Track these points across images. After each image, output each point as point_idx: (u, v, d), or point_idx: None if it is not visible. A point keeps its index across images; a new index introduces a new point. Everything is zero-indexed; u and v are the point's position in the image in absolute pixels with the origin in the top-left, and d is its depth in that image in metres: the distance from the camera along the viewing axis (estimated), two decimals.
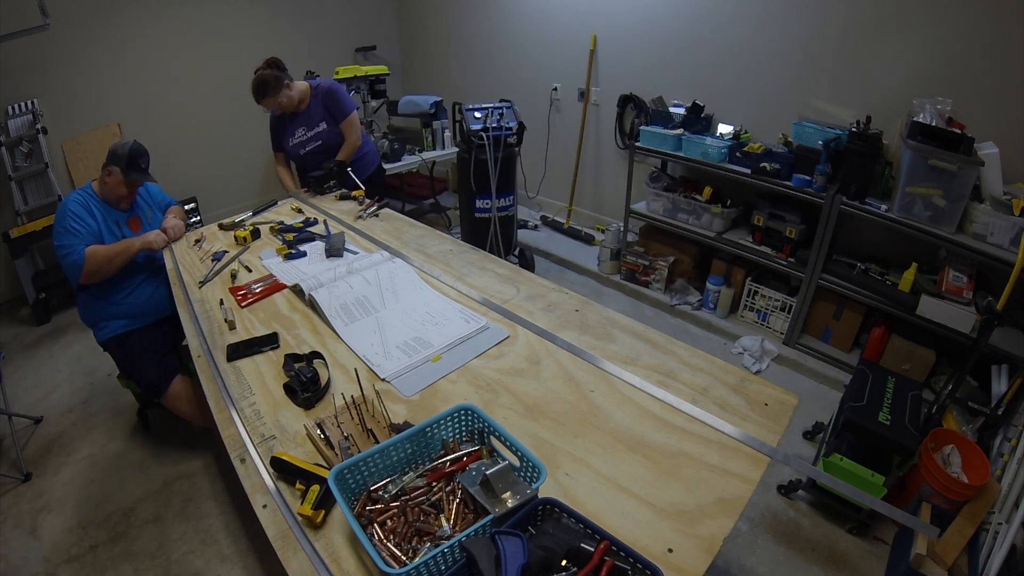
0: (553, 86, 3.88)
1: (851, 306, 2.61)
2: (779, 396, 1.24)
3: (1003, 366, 2.10)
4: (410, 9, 4.82)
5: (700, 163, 2.83)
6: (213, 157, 4.17)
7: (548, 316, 1.57)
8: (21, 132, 3.21)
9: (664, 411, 1.20)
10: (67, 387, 2.73)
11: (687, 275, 3.27)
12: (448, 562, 0.84)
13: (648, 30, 3.23)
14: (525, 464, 0.96)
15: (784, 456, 1.09)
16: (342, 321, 1.55)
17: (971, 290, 2.16)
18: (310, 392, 1.25)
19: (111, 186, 2.01)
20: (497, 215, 3.21)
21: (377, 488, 0.96)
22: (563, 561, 0.82)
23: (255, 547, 1.87)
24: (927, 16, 2.26)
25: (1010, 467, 1.71)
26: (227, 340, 1.50)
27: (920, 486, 1.82)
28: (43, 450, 2.33)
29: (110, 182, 2.00)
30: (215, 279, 1.86)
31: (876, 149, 2.31)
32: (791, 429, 1.19)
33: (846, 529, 1.89)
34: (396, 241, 2.08)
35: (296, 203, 2.51)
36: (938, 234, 2.14)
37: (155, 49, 3.67)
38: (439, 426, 1.04)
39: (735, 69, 2.93)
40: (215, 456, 2.26)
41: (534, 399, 1.25)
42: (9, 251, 3.17)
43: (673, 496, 0.99)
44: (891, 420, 1.79)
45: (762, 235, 2.79)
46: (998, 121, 2.16)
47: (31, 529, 1.97)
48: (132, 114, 3.68)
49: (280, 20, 4.21)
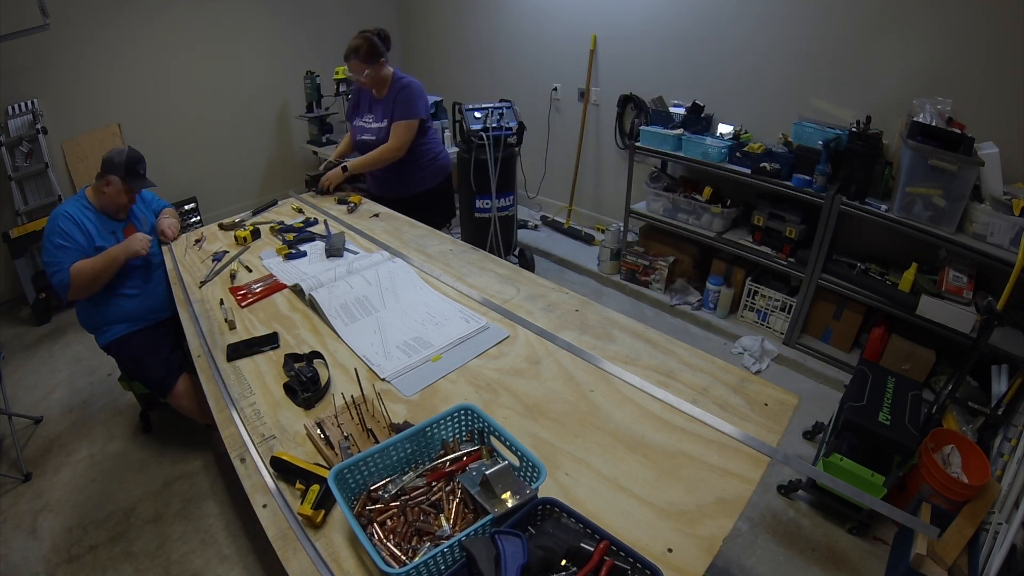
0: (553, 86, 3.88)
1: (851, 306, 2.61)
2: (779, 396, 1.24)
3: (1003, 366, 2.10)
4: (410, 9, 4.82)
5: (700, 163, 2.83)
6: (213, 157, 4.17)
7: (548, 316, 1.57)
8: (21, 132, 3.21)
9: (664, 411, 1.20)
10: (67, 387, 2.73)
11: (687, 275, 3.27)
12: (448, 562, 0.84)
13: (648, 30, 3.23)
14: (525, 464, 0.96)
15: (784, 456, 1.09)
16: (342, 321, 1.55)
17: (971, 290, 2.16)
18: (310, 392, 1.25)
19: (111, 196, 1.96)
20: (497, 215, 3.21)
21: (377, 488, 0.96)
22: (563, 561, 0.82)
23: (255, 547, 1.88)
24: (927, 16, 2.26)
25: (1010, 467, 1.71)
26: (227, 340, 1.50)
27: (920, 486, 1.82)
28: (43, 450, 2.33)
29: (109, 192, 1.95)
30: (215, 279, 1.86)
31: (876, 149, 2.31)
32: (791, 429, 1.19)
33: (846, 529, 1.89)
34: (396, 241, 2.08)
35: (296, 203, 2.51)
36: (938, 234, 2.14)
37: (155, 49, 3.67)
38: (439, 426, 1.04)
39: (735, 69, 2.93)
40: (215, 456, 2.26)
41: (534, 399, 1.25)
42: (9, 251, 3.17)
43: (673, 496, 0.99)
44: (891, 420, 1.79)
45: (762, 235, 2.79)
46: (998, 121, 2.16)
47: (31, 529, 1.97)
48: (132, 114, 3.67)
49: (280, 20, 4.21)
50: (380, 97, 2.50)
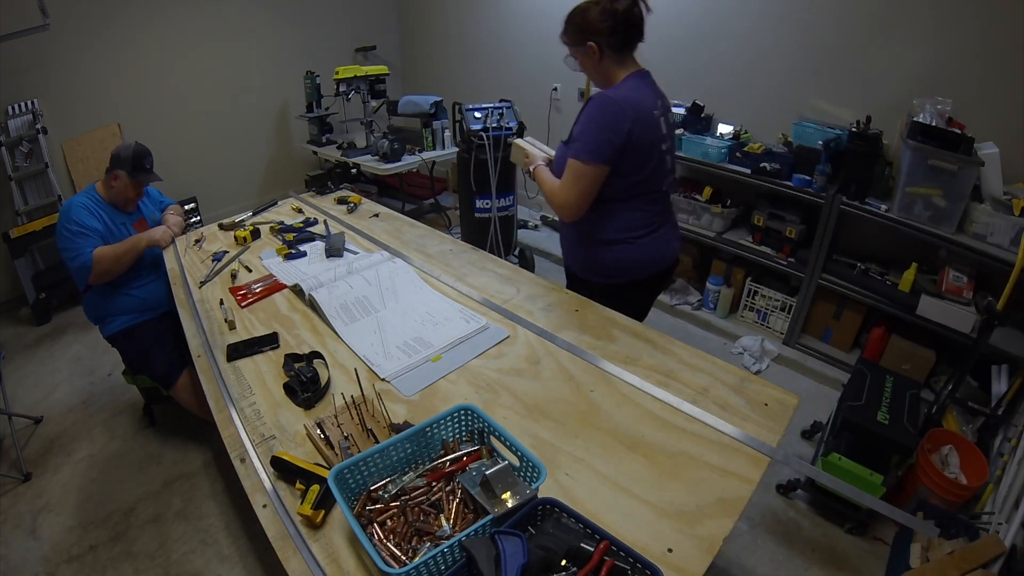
0: (553, 86, 3.88)
1: (851, 306, 2.61)
2: (779, 396, 1.24)
3: (1003, 366, 2.10)
4: (410, 9, 4.82)
5: (700, 163, 2.83)
6: (213, 157, 4.17)
7: (548, 316, 1.57)
8: (21, 132, 3.21)
9: (664, 411, 1.20)
10: (67, 387, 2.73)
11: (687, 275, 3.27)
12: (448, 562, 0.84)
13: (648, 30, 3.22)
14: (525, 464, 0.96)
15: (784, 456, 1.09)
16: (342, 321, 1.55)
17: (971, 290, 2.16)
18: (310, 392, 1.25)
19: (119, 190, 2.03)
20: (497, 215, 3.21)
21: (377, 488, 0.96)
22: (563, 561, 0.82)
23: (255, 547, 1.87)
24: (927, 16, 2.26)
25: (1010, 467, 1.71)
26: (227, 340, 1.50)
27: (918, 487, 1.82)
28: (43, 450, 2.33)
29: (117, 186, 2.02)
30: (215, 279, 1.86)
31: (876, 149, 2.31)
32: (790, 429, 1.19)
33: (845, 529, 1.89)
34: (396, 241, 2.08)
35: (296, 203, 2.51)
36: (938, 234, 2.14)
37: (155, 49, 3.67)
38: (439, 426, 1.04)
39: (735, 69, 2.93)
40: (215, 456, 2.26)
41: (534, 399, 1.25)
42: (9, 251, 3.17)
43: (673, 496, 0.99)
44: (889, 419, 1.79)
45: (762, 235, 2.79)
46: (998, 121, 2.16)
47: (31, 529, 1.97)
48: (132, 114, 3.67)
49: (280, 20, 4.21)
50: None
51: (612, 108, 1.44)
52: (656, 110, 1.53)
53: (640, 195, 1.55)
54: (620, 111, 1.43)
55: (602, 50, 1.52)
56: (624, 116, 1.43)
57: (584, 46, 1.53)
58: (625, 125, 1.42)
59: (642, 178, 1.52)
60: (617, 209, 1.56)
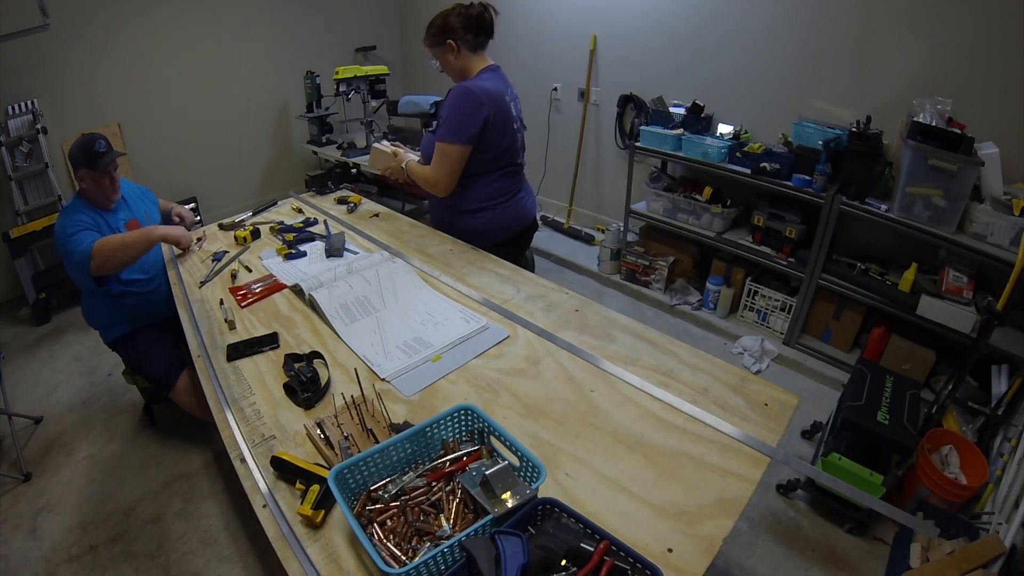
0: (553, 86, 3.88)
1: (851, 306, 2.61)
2: (779, 396, 1.24)
3: (1003, 366, 2.10)
4: (410, 9, 4.82)
5: (700, 163, 2.83)
6: (213, 157, 4.17)
7: (548, 316, 1.57)
8: (21, 132, 3.21)
9: (664, 411, 1.20)
10: (67, 387, 2.73)
11: (687, 275, 3.27)
12: (448, 562, 0.84)
13: (648, 30, 3.23)
14: (525, 464, 0.96)
15: (784, 456, 1.09)
16: (342, 321, 1.55)
17: (971, 290, 2.16)
18: (310, 392, 1.25)
19: (91, 189, 1.93)
20: None
21: (377, 488, 0.96)
22: (563, 561, 0.82)
23: (255, 547, 1.88)
24: (927, 16, 2.26)
25: (1010, 467, 1.71)
26: (227, 340, 1.50)
27: (918, 487, 1.82)
28: (43, 450, 2.33)
29: (88, 186, 1.93)
30: (215, 279, 1.86)
31: (876, 149, 2.31)
32: (790, 429, 1.19)
33: (845, 529, 1.89)
34: (396, 241, 2.08)
35: (296, 203, 2.51)
36: (938, 234, 2.14)
37: (155, 49, 3.67)
38: (439, 426, 1.04)
39: (735, 69, 2.93)
40: (215, 456, 2.26)
41: (534, 399, 1.25)
42: (9, 251, 3.17)
43: (673, 496, 0.99)
44: (889, 419, 1.79)
45: (762, 235, 2.79)
46: (998, 121, 2.16)
47: (31, 529, 1.97)
48: (132, 114, 3.67)
49: (280, 20, 4.21)
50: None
51: (470, 95, 1.73)
52: (507, 96, 1.84)
53: (499, 168, 1.88)
54: (476, 98, 1.72)
55: (459, 47, 1.79)
56: (480, 102, 1.72)
57: (444, 45, 1.80)
58: (482, 111, 1.72)
59: (499, 153, 1.83)
60: (481, 181, 1.88)
